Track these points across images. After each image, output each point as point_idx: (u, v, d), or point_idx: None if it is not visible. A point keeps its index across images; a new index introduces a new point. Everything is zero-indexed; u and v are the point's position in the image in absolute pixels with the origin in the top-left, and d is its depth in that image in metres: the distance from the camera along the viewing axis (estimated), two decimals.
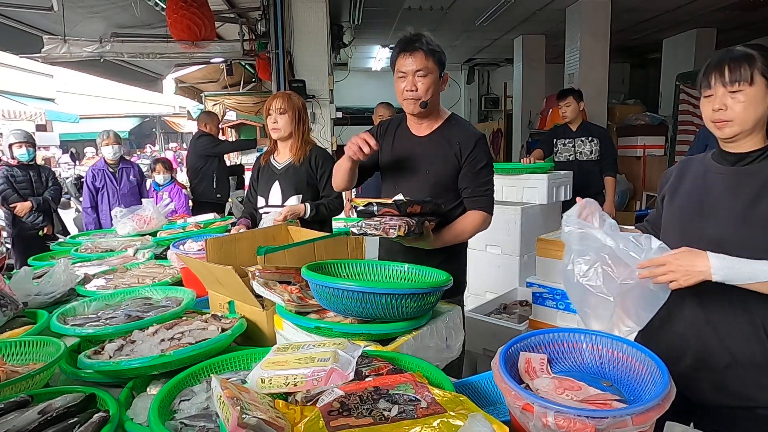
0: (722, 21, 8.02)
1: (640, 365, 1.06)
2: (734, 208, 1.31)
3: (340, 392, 0.95)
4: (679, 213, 1.43)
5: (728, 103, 1.30)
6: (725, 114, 1.31)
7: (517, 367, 1.11)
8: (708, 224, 1.35)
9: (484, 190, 1.92)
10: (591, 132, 4.26)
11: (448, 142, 1.91)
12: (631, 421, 0.84)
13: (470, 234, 1.93)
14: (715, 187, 1.37)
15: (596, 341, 1.15)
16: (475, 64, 12.61)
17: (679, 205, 1.45)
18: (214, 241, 1.72)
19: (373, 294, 1.24)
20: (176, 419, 1.06)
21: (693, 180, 1.44)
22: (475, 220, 1.91)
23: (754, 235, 1.27)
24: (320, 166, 2.63)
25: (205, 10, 4.81)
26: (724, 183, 1.36)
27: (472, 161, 1.89)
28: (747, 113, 1.29)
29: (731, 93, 1.29)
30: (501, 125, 11.25)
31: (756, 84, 1.28)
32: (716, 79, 1.32)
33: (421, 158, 1.95)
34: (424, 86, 1.82)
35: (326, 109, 5.40)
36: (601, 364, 1.14)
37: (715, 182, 1.38)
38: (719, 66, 1.32)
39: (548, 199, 3.70)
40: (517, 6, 7.17)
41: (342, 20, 7.50)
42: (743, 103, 1.28)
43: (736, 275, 1.20)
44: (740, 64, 1.29)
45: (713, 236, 1.32)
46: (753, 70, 1.28)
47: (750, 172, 1.33)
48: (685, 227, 1.40)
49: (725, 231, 1.31)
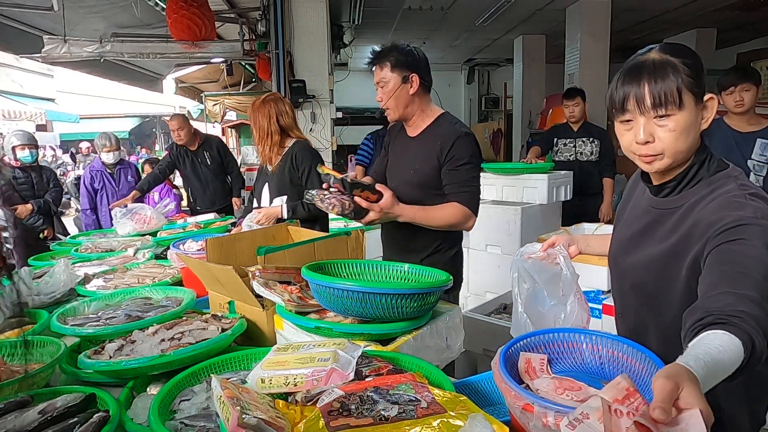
0: (722, 21, 8.02)
1: (640, 365, 1.06)
2: (644, 249, 1.17)
3: (340, 392, 0.95)
4: (617, 245, 1.30)
5: (655, 133, 1.05)
6: (653, 147, 1.06)
7: (517, 367, 1.11)
8: (627, 262, 1.23)
9: (465, 185, 1.89)
10: (591, 133, 4.27)
11: (433, 141, 1.94)
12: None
13: (443, 221, 1.88)
14: (641, 220, 1.21)
15: (596, 341, 1.15)
16: (475, 64, 12.61)
17: (617, 234, 1.32)
18: (214, 241, 1.72)
19: (373, 294, 1.24)
20: (176, 419, 1.06)
21: (634, 204, 1.28)
22: (451, 210, 1.87)
23: (658, 281, 1.13)
24: (300, 162, 2.63)
25: (205, 10, 4.81)
26: (647, 217, 1.19)
27: (452, 158, 1.89)
28: (679, 144, 1.04)
29: (657, 119, 1.04)
30: (501, 125, 11.25)
31: (686, 107, 1.02)
32: (634, 104, 1.05)
33: (409, 159, 2.00)
34: (386, 95, 1.94)
35: (326, 109, 5.40)
36: (601, 364, 1.14)
37: (643, 213, 1.21)
38: (636, 83, 1.04)
39: (548, 199, 3.70)
40: (517, 6, 7.17)
41: (342, 20, 7.50)
42: (676, 132, 1.03)
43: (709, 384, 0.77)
44: (662, 80, 1.02)
45: (632, 281, 1.22)
46: (680, 87, 1.01)
47: (668, 207, 1.14)
48: (618, 263, 1.29)
49: (637, 276, 1.20)
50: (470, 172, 1.90)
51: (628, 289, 1.24)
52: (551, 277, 1.39)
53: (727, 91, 2.94)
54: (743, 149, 2.94)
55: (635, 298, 1.24)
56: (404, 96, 1.92)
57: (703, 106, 1.07)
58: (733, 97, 2.92)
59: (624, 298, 1.29)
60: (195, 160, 4.55)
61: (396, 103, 1.93)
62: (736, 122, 2.98)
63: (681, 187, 1.12)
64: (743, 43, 9.17)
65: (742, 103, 2.90)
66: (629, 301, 1.27)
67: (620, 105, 1.08)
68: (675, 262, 1.08)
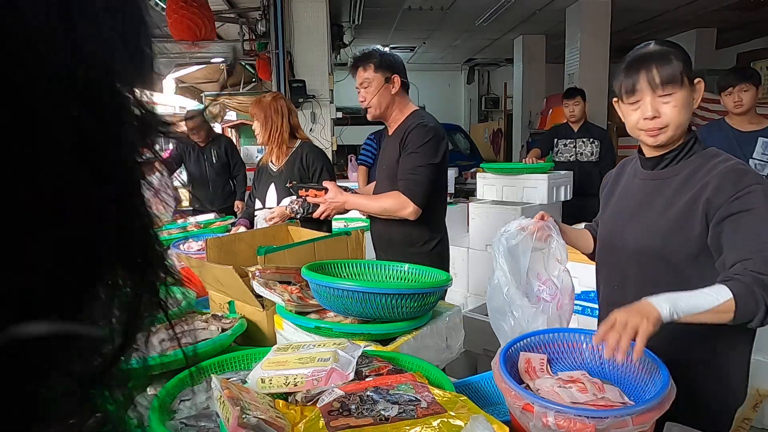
0: (722, 21, 8.01)
1: (640, 365, 1.06)
2: (650, 218, 1.29)
3: (340, 392, 0.95)
4: (610, 222, 1.42)
5: (660, 109, 1.24)
6: (660, 121, 1.25)
7: (517, 367, 1.11)
8: (629, 234, 1.33)
9: (407, 173, 1.96)
10: (592, 133, 4.27)
11: (399, 135, 2.05)
12: (631, 421, 0.85)
13: (379, 209, 2.01)
14: (637, 195, 1.35)
15: None
16: (475, 64, 12.61)
17: (609, 213, 1.43)
18: (214, 241, 1.72)
19: (373, 294, 1.24)
20: (176, 419, 1.06)
21: (624, 186, 1.42)
22: (388, 197, 1.98)
23: (666, 247, 1.24)
24: (312, 163, 2.62)
25: (205, 10, 4.80)
26: (644, 190, 1.33)
27: (405, 148, 2.00)
28: (680, 118, 1.24)
29: (662, 97, 1.23)
30: (501, 125, 11.24)
31: (685, 87, 1.23)
32: (644, 82, 1.24)
33: (385, 155, 2.15)
34: (369, 95, 2.07)
35: (326, 109, 5.40)
36: (601, 364, 1.14)
37: (638, 189, 1.36)
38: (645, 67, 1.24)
39: (548, 199, 3.70)
40: (517, 6, 7.17)
41: (342, 20, 7.50)
42: (678, 107, 1.23)
43: (680, 312, 1.00)
44: (666, 64, 1.23)
45: (635, 247, 1.31)
46: (680, 70, 1.22)
47: (665, 177, 1.30)
48: (614, 238, 1.39)
49: (642, 241, 1.29)
50: (415, 160, 1.96)
51: (627, 259, 1.32)
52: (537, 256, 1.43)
53: (726, 91, 2.94)
54: (744, 148, 2.94)
55: (638, 266, 1.31)
56: (386, 95, 2.06)
57: (694, 88, 1.27)
58: (732, 97, 2.92)
59: (625, 269, 1.36)
60: (201, 155, 4.52)
61: (378, 101, 2.06)
62: (737, 122, 2.99)
63: (681, 157, 1.29)
64: (743, 43, 9.16)
65: (741, 104, 2.90)
66: (631, 272, 1.34)
67: (630, 87, 1.27)
68: (687, 222, 1.22)
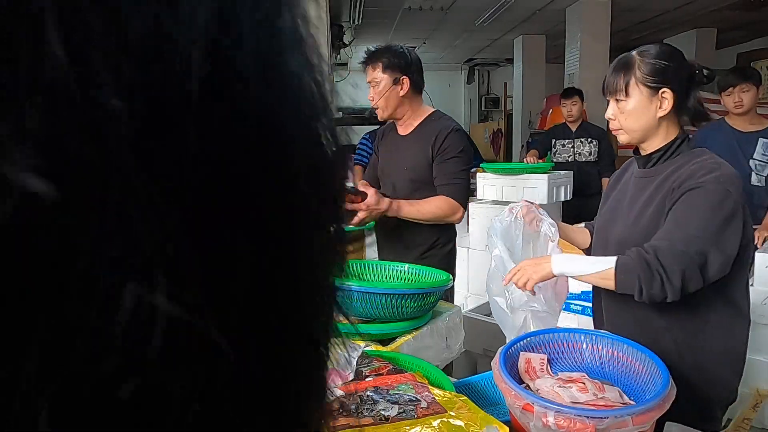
0: (722, 21, 8.01)
1: (640, 365, 1.07)
2: (633, 212, 1.33)
3: (340, 392, 0.95)
4: (605, 216, 1.46)
5: (615, 113, 1.32)
6: (614, 123, 1.33)
7: (517, 367, 1.11)
8: (616, 227, 1.38)
9: (453, 178, 1.94)
10: (590, 133, 4.26)
11: (425, 138, 1.98)
12: (631, 421, 0.85)
13: (431, 214, 1.93)
14: (629, 192, 1.40)
15: (596, 341, 1.15)
16: (475, 64, 12.60)
17: (606, 208, 1.48)
18: None
19: (373, 294, 1.24)
20: None
21: (623, 182, 1.46)
22: (439, 202, 1.93)
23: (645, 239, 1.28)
24: None
25: None
26: (635, 186, 1.38)
27: (442, 152, 1.94)
28: (629, 123, 1.30)
29: (616, 102, 1.30)
30: (501, 125, 11.23)
31: (632, 96, 1.27)
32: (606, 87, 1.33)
33: (402, 157, 2.04)
34: (377, 95, 1.99)
35: None
36: (601, 364, 1.14)
37: (631, 186, 1.40)
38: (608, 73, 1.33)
39: (548, 199, 3.70)
40: (517, 6, 7.17)
41: (342, 20, 7.50)
42: (624, 114, 1.29)
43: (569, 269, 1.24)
44: (618, 73, 1.29)
45: (617, 239, 1.35)
46: (629, 80, 1.27)
47: (651, 175, 1.34)
48: (605, 230, 1.43)
49: (624, 234, 1.34)
50: (458, 165, 1.94)
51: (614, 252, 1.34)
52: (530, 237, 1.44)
53: (726, 91, 2.94)
54: (745, 149, 2.93)
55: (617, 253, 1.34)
56: (394, 97, 1.98)
57: (659, 97, 1.28)
58: (732, 98, 2.92)
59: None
60: None
61: (386, 103, 1.99)
62: (738, 122, 2.98)
63: (666, 157, 1.32)
64: (743, 43, 9.15)
65: (741, 104, 2.90)
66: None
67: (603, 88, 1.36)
68: (661, 217, 1.26)
